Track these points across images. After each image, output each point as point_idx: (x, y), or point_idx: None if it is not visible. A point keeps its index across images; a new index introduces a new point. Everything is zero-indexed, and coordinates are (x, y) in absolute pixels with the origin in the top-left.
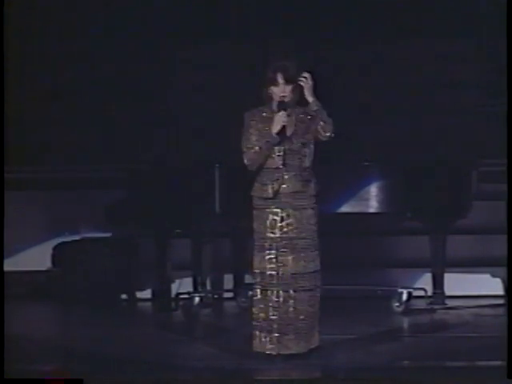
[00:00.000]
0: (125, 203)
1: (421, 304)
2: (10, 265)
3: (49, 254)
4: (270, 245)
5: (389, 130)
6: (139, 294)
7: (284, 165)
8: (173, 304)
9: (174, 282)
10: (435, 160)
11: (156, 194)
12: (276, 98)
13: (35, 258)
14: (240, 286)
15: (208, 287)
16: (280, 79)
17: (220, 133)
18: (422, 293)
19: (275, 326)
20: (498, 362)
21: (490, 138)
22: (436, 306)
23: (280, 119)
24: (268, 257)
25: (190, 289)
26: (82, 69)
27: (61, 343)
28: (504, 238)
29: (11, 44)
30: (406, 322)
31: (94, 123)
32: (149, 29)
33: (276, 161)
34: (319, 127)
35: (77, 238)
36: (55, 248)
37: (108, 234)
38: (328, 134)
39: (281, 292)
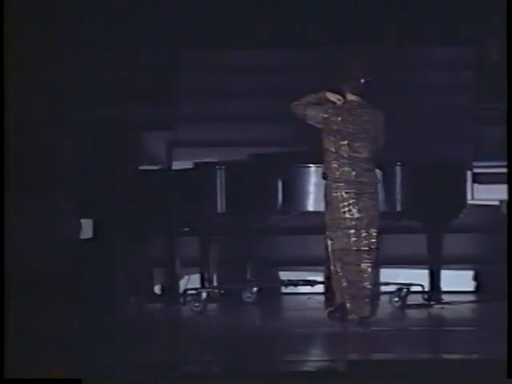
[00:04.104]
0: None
1: (419, 299)
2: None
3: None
4: None
5: (387, 131)
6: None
7: None
8: (181, 299)
9: (182, 278)
10: (432, 160)
11: (164, 194)
12: None
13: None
14: (245, 282)
15: (214, 283)
16: None
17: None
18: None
19: None
20: (498, 362)
21: (488, 139)
22: (433, 302)
23: None
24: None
25: (198, 285)
26: (87, 69)
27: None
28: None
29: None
30: (405, 317)
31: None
32: (153, 28)
33: None
34: None
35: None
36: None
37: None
38: None
39: None
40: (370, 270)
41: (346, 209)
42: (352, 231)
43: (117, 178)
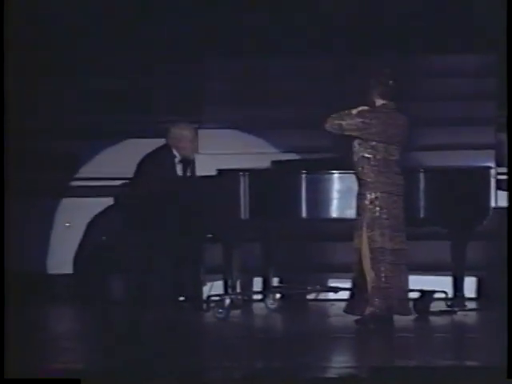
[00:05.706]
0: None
1: (442, 306)
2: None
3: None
4: None
5: (412, 137)
6: None
7: None
8: (204, 306)
9: (205, 284)
10: (456, 168)
11: (188, 200)
12: None
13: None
14: (268, 289)
15: (238, 289)
16: None
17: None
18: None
19: None
20: (498, 362)
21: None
22: (456, 308)
23: None
24: None
25: (221, 291)
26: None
27: None
28: None
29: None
30: (426, 323)
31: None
32: (180, 36)
33: None
34: None
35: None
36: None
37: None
38: None
39: None
40: (404, 270)
41: (383, 210)
42: (387, 231)
43: (139, 184)
